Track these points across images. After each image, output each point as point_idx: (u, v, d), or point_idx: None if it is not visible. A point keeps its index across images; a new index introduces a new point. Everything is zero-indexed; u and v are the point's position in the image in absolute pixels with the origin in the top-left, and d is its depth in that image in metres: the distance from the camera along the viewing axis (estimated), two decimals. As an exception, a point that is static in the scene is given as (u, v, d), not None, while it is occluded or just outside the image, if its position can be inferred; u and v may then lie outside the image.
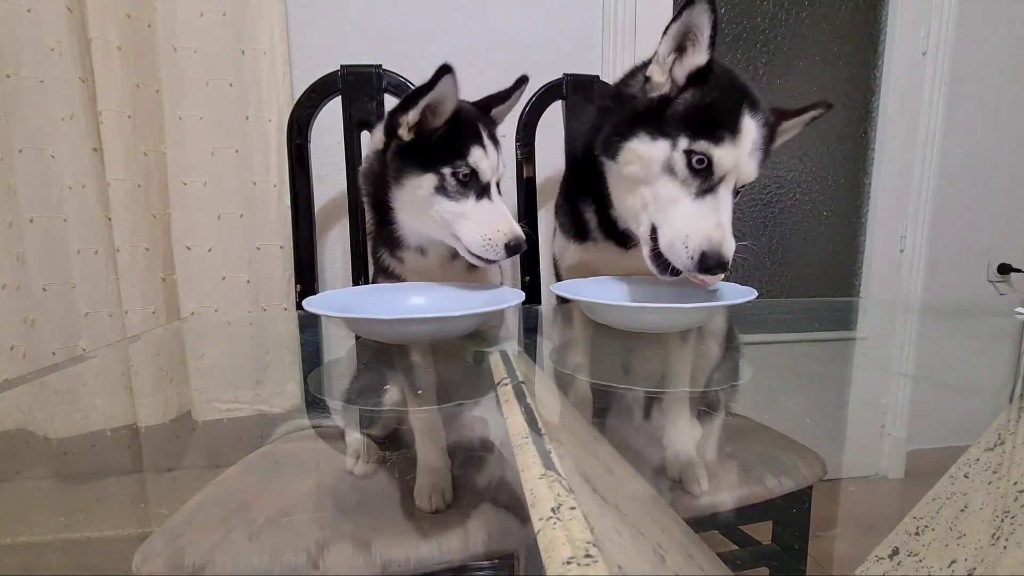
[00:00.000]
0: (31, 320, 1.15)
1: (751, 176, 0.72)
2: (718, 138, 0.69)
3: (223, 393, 0.69)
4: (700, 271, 0.68)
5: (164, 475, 0.55)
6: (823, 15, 1.67)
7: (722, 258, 0.67)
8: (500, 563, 0.44)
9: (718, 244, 0.67)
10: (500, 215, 0.76)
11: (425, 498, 0.46)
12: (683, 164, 0.70)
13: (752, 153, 0.70)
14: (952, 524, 0.36)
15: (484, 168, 0.76)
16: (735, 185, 0.71)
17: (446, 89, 0.72)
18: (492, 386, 0.56)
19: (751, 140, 0.70)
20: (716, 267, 0.68)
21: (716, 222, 0.69)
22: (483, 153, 0.76)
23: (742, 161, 0.70)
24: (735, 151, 0.69)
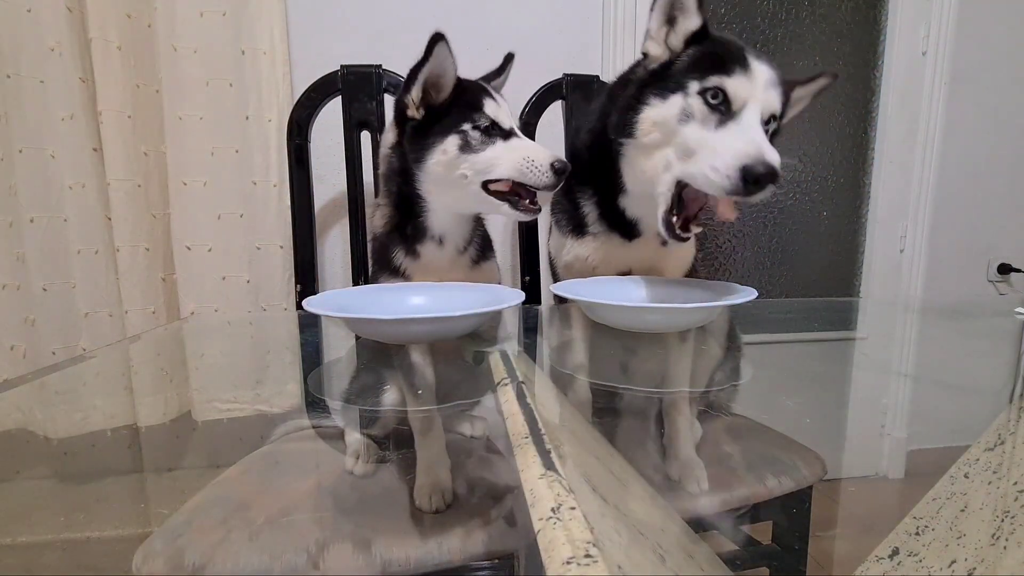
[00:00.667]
0: (31, 320, 1.15)
1: (775, 106, 0.69)
2: (729, 71, 0.68)
3: (223, 393, 0.69)
4: (746, 187, 0.62)
5: (164, 475, 0.55)
6: (823, 15, 1.67)
7: (768, 166, 0.61)
8: (500, 563, 0.44)
9: (757, 154, 0.62)
10: (533, 147, 0.76)
11: (425, 498, 0.46)
12: (700, 104, 0.69)
13: (768, 86, 0.69)
14: (952, 524, 0.36)
15: (502, 117, 0.77)
16: (762, 116, 0.68)
17: (442, 57, 0.74)
18: (492, 386, 0.56)
19: (764, 76, 0.69)
20: (765, 177, 0.62)
21: (748, 139, 0.65)
22: (496, 104, 0.78)
23: (759, 90, 0.68)
24: (749, 82, 0.68)
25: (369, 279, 0.92)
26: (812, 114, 1.72)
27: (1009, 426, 0.51)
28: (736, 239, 1.75)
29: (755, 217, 1.75)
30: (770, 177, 0.62)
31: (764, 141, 0.65)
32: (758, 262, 1.77)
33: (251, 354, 0.91)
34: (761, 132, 0.67)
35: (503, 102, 0.80)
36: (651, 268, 0.90)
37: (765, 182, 0.62)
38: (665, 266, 0.91)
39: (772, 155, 0.63)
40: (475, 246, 0.88)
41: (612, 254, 0.89)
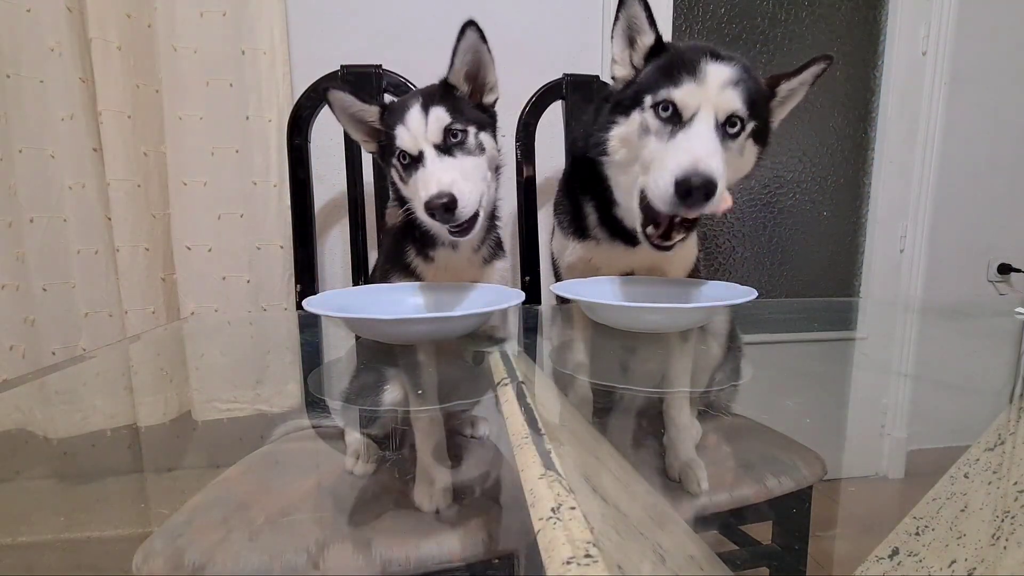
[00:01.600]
0: (31, 320, 1.15)
1: (734, 105, 0.69)
2: (677, 81, 0.69)
3: (223, 393, 0.69)
4: (681, 202, 0.63)
5: (164, 475, 0.55)
6: (823, 15, 1.67)
7: (701, 176, 0.61)
8: (500, 563, 0.44)
9: (690, 166, 0.62)
10: (428, 178, 0.72)
11: (425, 498, 0.46)
12: (652, 118, 0.70)
13: (724, 87, 0.68)
14: (952, 524, 0.36)
15: (407, 144, 0.75)
16: (718, 119, 0.68)
17: (339, 107, 0.81)
18: (492, 386, 0.56)
19: (718, 78, 0.68)
20: (697, 190, 0.61)
21: (687, 149, 0.65)
22: (406, 129, 0.75)
23: (711, 94, 0.68)
24: (699, 88, 0.68)
25: (378, 276, 0.91)
26: (812, 114, 1.72)
27: (1009, 426, 0.51)
28: (736, 239, 1.75)
29: (755, 217, 1.75)
30: (703, 188, 0.62)
31: (707, 149, 0.65)
32: (758, 262, 1.77)
33: (251, 354, 0.91)
34: (708, 139, 0.67)
35: (417, 122, 0.74)
36: (653, 269, 0.90)
37: (696, 195, 0.62)
38: (668, 267, 0.91)
39: (707, 164, 0.62)
40: (488, 245, 0.88)
41: (614, 257, 0.89)
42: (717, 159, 0.64)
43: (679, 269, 0.93)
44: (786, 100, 0.80)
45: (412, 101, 0.76)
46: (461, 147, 0.75)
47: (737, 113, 0.69)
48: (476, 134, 0.76)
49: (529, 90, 1.21)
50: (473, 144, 0.76)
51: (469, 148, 0.75)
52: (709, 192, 0.62)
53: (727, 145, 0.69)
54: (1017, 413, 0.55)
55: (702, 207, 0.64)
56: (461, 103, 0.78)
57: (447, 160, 0.73)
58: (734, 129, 0.70)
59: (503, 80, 0.91)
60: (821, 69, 0.77)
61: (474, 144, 0.76)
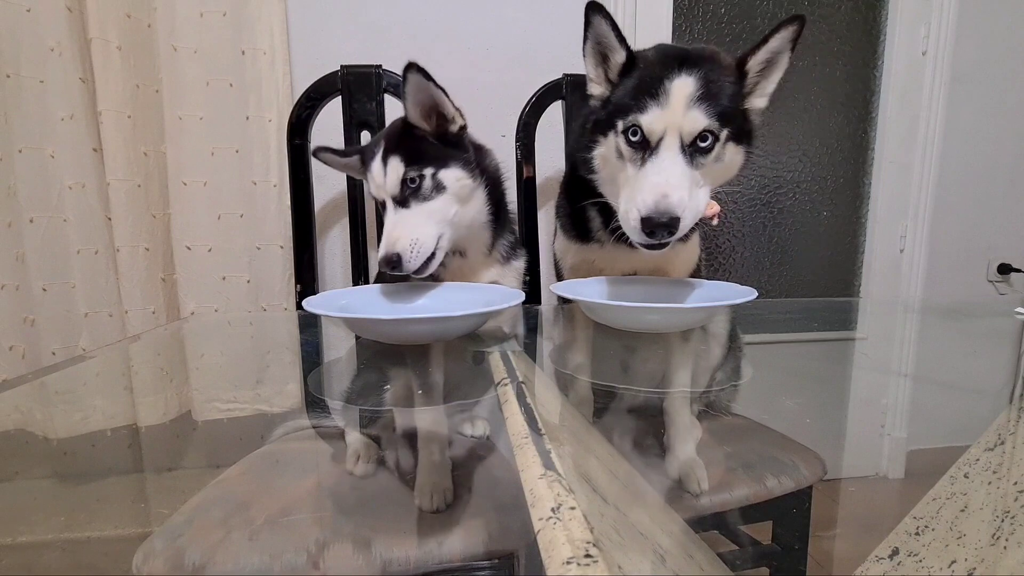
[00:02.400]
0: (31, 320, 1.15)
1: (697, 125, 0.69)
2: (642, 107, 0.70)
3: (223, 393, 0.69)
4: (648, 236, 0.66)
5: (164, 475, 0.55)
6: (823, 15, 1.67)
7: (661, 216, 0.64)
8: (500, 563, 0.44)
9: (654, 205, 0.65)
10: (384, 235, 0.77)
11: (425, 498, 0.46)
12: (624, 144, 0.72)
13: (689, 106, 0.69)
14: (952, 524, 0.36)
15: (374, 192, 0.81)
16: (684, 141, 0.69)
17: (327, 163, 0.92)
18: (492, 386, 0.56)
19: (683, 96, 0.69)
20: (659, 228, 0.65)
21: (653, 183, 0.67)
22: (372, 178, 0.80)
23: (676, 117, 0.69)
24: (663, 111, 0.69)
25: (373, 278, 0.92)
26: (812, 114, 1.72)
27: (1009, 426, 0.51)
28: (736, 239, 1.75)
29: (755, 217, 1.74)
30: (666, 225, 0.65)
31: (671, 183, 0.66)
32: (758, 262, 1.77)
33: (251, 354, 0.91)
34: (673, 168, 0.68)
35: (378, 171, 0.79)
36: (656, 270, 0.90)
37: (660, 233, 0.65)
38: (671, 267, 0.91)
39: (668, 202, 0.65)
40: (503, 247, 0.90)
41: (618, 259, 0.89)
42: (681, 190, 0.66)
43: (682, 270, 0.93)
44: (765, 73, 0.77)
45: (376, 149, 0.80)
46: (417, 195, 0.78)
47: (706, 129, 0.69)
48: (434, 175, 0.78)
49: (529, 90, 1.21)
50: (429, 187, 0.78)
51: (425, 194, 0.78)
52: (672, 227, 0.65)
53: (699, 163, 0.70)
54: (1017, 413, 0.55)
55: (669, 238, 0.67)
56: (421, 143, 0.80)
57: (401, 213, 0.77)
58: (706, 143, 0.70)
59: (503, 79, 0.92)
60: (793, 32, 0.75)
61: (430, 188, 0.78)
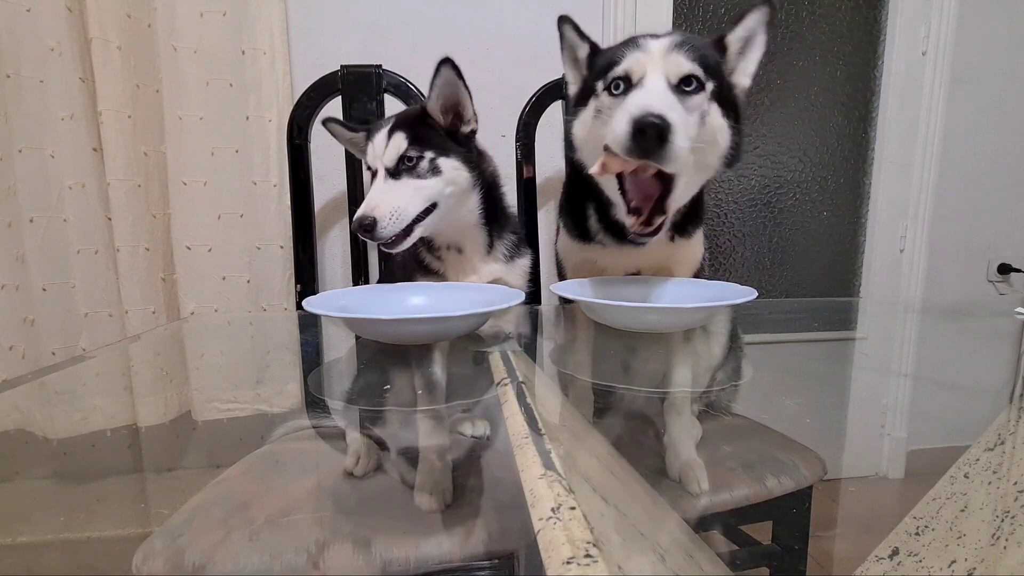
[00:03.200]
0: (31, 320, 1.15)
1: (684, 67, 0.68)
2: (620, 58, 0.70)
3: (223, 393, 0.69)
4: (636, 144, 0.62)
5: (164, 475, 0.55)
6: (823, 15, 1.67)
7: (652, 115, 0.61)
8: (500, 563, 0.44)
9: (645, 107, 0.62)
10: (370, 196, 0.79)
11: (425, 498, 0.46)
12: (607, 97, 0.72)
13: (668, 52, 0.69)
14: (952, 524, 0.36)
15: (369, 160, 0.83)
16: (669, 80, 0.68)
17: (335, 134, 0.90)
18: (492, 386, 0.56)
19: (661, 45, 0.69)
20: (651, 127, 0.61)
21: (640, 97, 0.65)
22: (371, 147, 0.82)
23: (657, 58, 0.69)
24: (644, 54, 0.69)
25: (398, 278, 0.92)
26: (812, 114, 1.72)
27: (1009, 426, 0.51)
28: (736, 239, 1.75)
29: (755, 217, 1.75)
30: (657, 128, 0.61)
31: (659, 97, 0.65)
32: (758, 262, 1.77)
33: (251, 354, 0.91)
34: (660, 90, 0.66)
35: (380, 141, 0.80)
36: (660, 269, 0.90)
37: (652, 135, 0.61)
38: (674, 267, 0.91)
39: (660, 107, 0.62)
40: (505, 245, 0.90)
41: (621, 258, 0.89)
42: (672, 107, 0.64)
43: (685, 269, 0.93)
44: (744, 52, 0.78)
45: (385, 124, 0.82)
46: (411, 171, 0.79)
47: (690, 73, 0.68)
48: (433, 159, 0.80)
49: (529, 90, 1.21)
50: (426, 168, 0.79)
51: (420, 172, 0.79)
52: (663, 134, 0.61)
53: (686, 102, 0.68)
54: (1017, 413, 0.55)
55: (659, 151, 0.62)
56: (430, 131, 0.81)
57: (389, 183, 0.79)
58: (691, 87, 0.69)
59: (504, 79, 0.92)
60: (766, 14, 0.76)
61: (427, 168, 0.79)
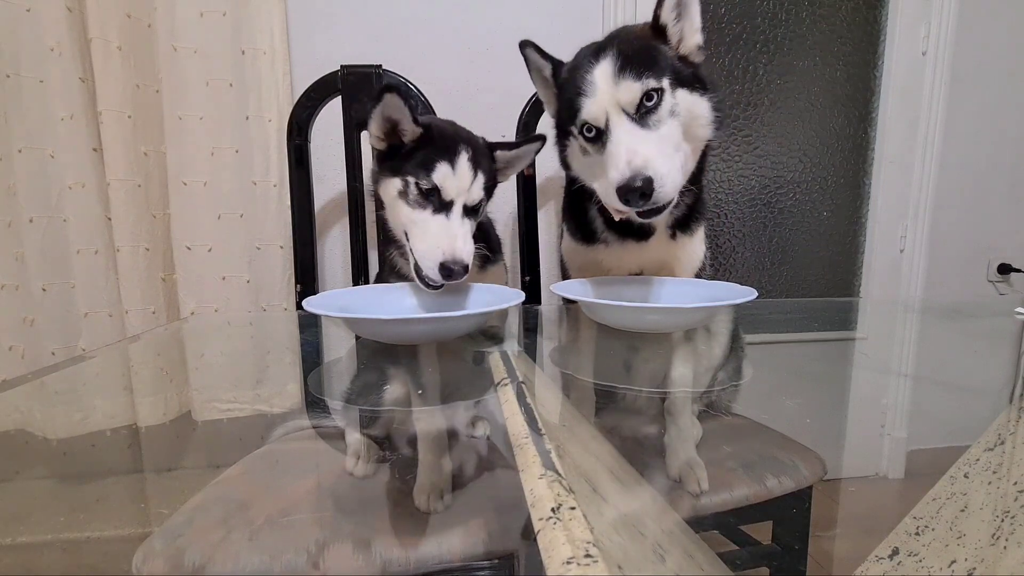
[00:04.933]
0: (31, 320, 1.15)
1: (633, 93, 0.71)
2: (579, 101, 0.73)
3: (223, 393, 0.69)
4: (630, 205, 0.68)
5: (164, 475, 0.55)
6: (823, 15, 1.67)
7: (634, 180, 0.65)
8: (500, 563, 0.44)
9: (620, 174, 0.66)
10: (449, 234, 0.73)
11: (424, 498, 0.46)
12: (583, 141, 0.75)
13: (617, 82, 0.71)
14: (952, 524, 0.36)
15: (448, 186, 0.75)
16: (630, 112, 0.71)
17: (391, 104, 0.75)
18: (492, 386, 0.56)
19: (608, 76, 0.72)
20: (633, 193, 0.65)
21: (616, 156, 0.69)
22: (450, 172, 0.75)
23: (611, 96, 0.71)
24: (597, 98, 0.72)
25: (373, 278, 0.92)
26: (812, 114, 1.72)
27: (1009, 426, 0.51)
28: (736, 239, 1.75)
29: (755, 217, 1.75)
30: (643, 191, 0.65)
31: (633, 149, 0.68)
32: (758, 262, 1.77)
33: (251, 354, 0.91)
34: (631, 138, 0.69)
35: (466, 173, 0.76)
36: (662, 268, 0.90)
37: (635, 197, 0.66)
38: (676, 265, 0.91)
39: (636, 164, 0.66)
40: (479, 253, 0.86)
41: (624, 257, 0.89)
42: (645, 153, 0.67)
43: (687, 267, 0.93)
44: (681, 16, 0.78)
45: (464, 149, 0.77)
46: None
47: (643, 91, 0.70)
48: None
49: (529, 90, 1.21)
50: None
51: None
52: (647, 191, 0.65)
53: (654, 122, 0.70)
54: (1017, 413, 0.55)
55: (651, 201, 0.66)
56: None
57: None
58: (652, 102, 0.71)
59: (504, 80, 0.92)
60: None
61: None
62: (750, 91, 1.66)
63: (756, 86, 1.66)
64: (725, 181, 1.70)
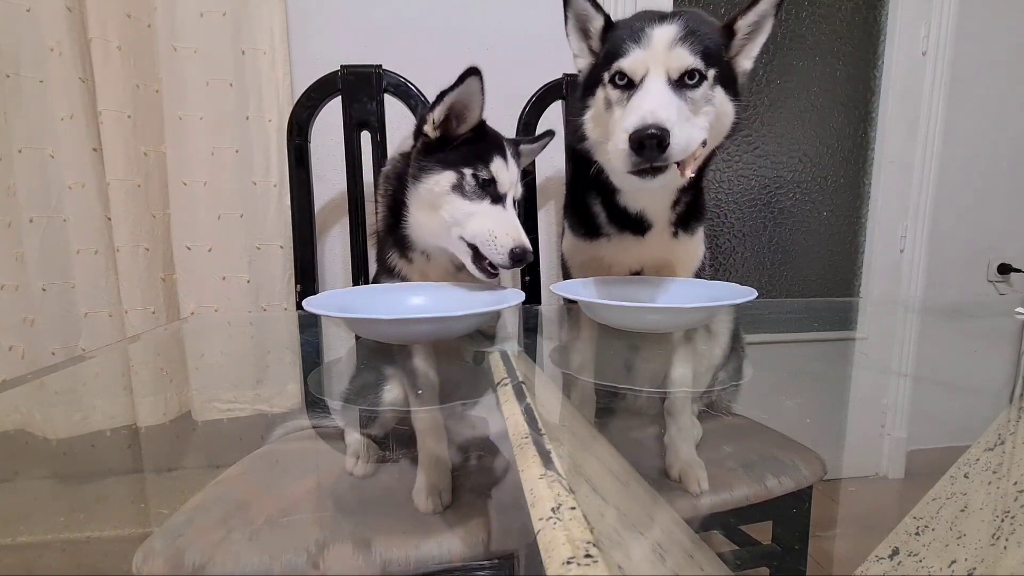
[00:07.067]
0: (31, 320, 1.15)
1: (683, 62, 0.71)
2: (625, 51, 0.72)
3: (223, 393, 0.69)
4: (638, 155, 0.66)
5: (164, 475, 0.55)
6: (823, 15, 1.67)
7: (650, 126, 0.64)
8: (500, 563, 0.44)
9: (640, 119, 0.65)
10: (511, 222, 0.76)
11: (424, 498, 0.46)
12: (612, 90, 0.74)
13: (671, 46, 0.71)
14: (952, 524, 0.36)
15: (503, 178, 0.78)
16: (670, 76, 0.71)
17: (471, 88, 0.76)
18: (492, 386, 0.56)
19: (664, 39, 0.71)
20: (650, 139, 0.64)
21: (638, 106, 0.68)
22: (504, 164, 0.78)
23: (659, 56, 0.71)
24: (645, 52, 0.71)
25: (371, 279, 0.92)
26: (812, 114, 1.72)
27: (1009, 426, 0.51)
28: (736, 239, 1.75)
29: (755, 217, 1.75)
30: (656, 138, 0.63)
31: (657, 103, 0.67)
32: (758, 262, 1.77)
33: (251, 354, 0.91)
34: (659, 93, 0.68)
35: (514, 167, 0.80)
36: (663, 266, 0.91)
37: (652, 145, 0.63)
38: (676, 263, 0.91)
39: (657, 115, 0.64)
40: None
41: (625, 253, 0.89)
42: (669, 109, 0.66)
43: (687, 266, 0.93)
44: (751, 36, 0.80)
45: (507, 145, 0.80)
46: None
47: (691, 67, 0.70)
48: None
49: (529, 90, 1.21)
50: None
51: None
52: (663, 141, 0.64)
53: (688, 97, 0.70)
54: (1017, 413, 0.55)
55: (660, 156, 0.65)
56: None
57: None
58: (693, 81, 0.71)
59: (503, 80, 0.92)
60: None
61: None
62: (750, 91, 1.66)
63: (756, 86, 1.66)
64: (725, 181, 1.70)
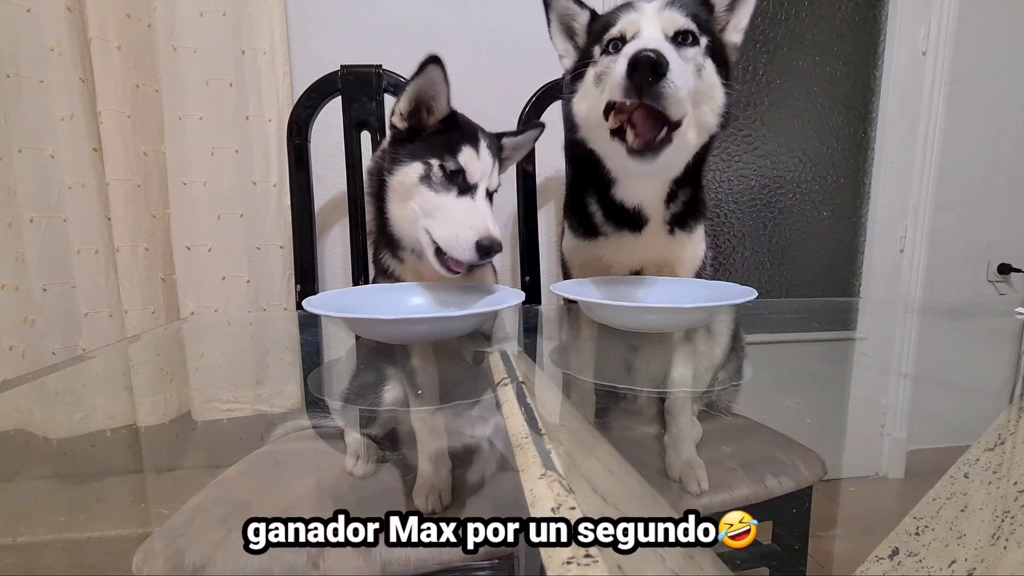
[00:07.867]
0: (31, 320, 1.15)
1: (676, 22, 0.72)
2: (617, 18, 0.74)
3: (223, 393, 0.69)
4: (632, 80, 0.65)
5: (164, 475, 0.55)
6: (823, 15, 1.67)
7: (648, 50, 0.64)
8: (500, 563, 0.44)
9: (639, 48, 0.65)
10: (478, 214, 0.74)
11: (424, 499, 0.46)
12: (605, 59, 0.74)
13: (661, 9, 0.73)
14: (952, 524, 0.36)
15: (472, 169, 0.76)
16: (666, 33, 0.72)
17: (432, 77, 0.74)
18: (492, 386, 0.56)
19: (656, 4, 0.74)
20: (644, 61, 0.63)
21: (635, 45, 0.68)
22: (474, 155, 0.76)
23: (651, 17, 0.73)
24: (639, 13, 0.73)
25: (371, 280, 0.92)
26: (812, 114, 1.72)
27: (1009, 426, 0.51)
28: (736, 239, 1.75)
29: (755, 217, 1.75)
30: (652, 63, 0.63)
31: (655, 41, 0.67)
32: (758, 262, 1.77)
33: (251, 354, 0.91)
34: (656, 38, 0.69)
35: (487, 157, 0.77)
36: (663, 265, 0.91)
37: (645, 68, 0.63)
38: (675, 262, 0.91)
39: (656, 47, 0.65)
40: None
41: (625, 251, 0.89)
42: (666, 47, 0.66)
43: (687, 265, 0.93)
44: (733, 9, 0.82)
45: (482, 136, 0.79)
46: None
47: (685, 28, 0.72)
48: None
49: (529, 90, 1.21)
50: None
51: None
52: (658, 68, 0.63)
53: (681, 52, 0.71)
54: (1017, 413, 0.55)
55: (655, 86, 0.64)
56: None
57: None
58: (686, 41, 0.72)
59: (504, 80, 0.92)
60: None
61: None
62: (750, 91, 1.66)
63: (756, 86, 1.66)
64: (725, 181, 1.70)
